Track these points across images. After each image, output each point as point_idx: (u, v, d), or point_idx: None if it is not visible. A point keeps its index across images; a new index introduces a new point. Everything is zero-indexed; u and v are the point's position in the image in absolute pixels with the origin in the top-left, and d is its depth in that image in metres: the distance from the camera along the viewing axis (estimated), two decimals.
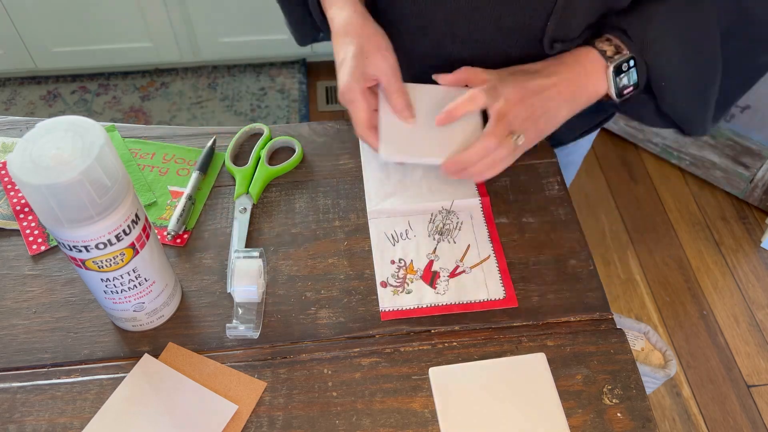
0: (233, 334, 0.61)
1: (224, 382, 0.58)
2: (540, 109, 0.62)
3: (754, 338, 1.56)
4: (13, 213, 0.70)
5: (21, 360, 0.61)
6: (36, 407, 0.57)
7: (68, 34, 1.98)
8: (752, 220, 1.79)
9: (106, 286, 0.55)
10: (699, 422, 1.44)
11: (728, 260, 1.71)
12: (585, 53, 0.64)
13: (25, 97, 2.12)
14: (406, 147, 0.65)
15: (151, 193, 0.72)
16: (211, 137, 0.77)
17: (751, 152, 1.70)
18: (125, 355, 0.61)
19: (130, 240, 0.53)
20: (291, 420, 0.57)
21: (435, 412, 0.57)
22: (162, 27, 1.97)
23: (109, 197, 0.49)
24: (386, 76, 0.64)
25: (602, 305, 0.63)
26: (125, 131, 0.78)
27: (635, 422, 0.56)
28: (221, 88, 2.13)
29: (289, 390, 0.58)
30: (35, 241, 0.68)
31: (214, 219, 0.70)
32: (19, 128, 0.79)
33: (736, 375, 1.51)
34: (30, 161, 0.47)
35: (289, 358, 0.60)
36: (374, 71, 0.64)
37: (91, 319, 0.63)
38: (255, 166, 0.74)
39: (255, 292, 0.61)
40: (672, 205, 1.82)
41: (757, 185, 1.74)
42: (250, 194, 0.71)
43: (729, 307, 1.62)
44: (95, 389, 0.58)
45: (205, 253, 0.68)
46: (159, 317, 0.62)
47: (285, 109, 2.08)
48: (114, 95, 2.13)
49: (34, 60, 2.06)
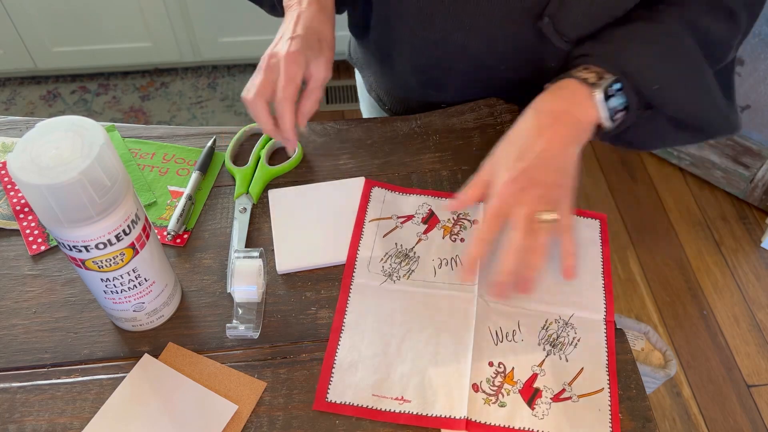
0: (233, 334, 0.60)
1: (224, 382, 0.58)
2: (543, 173, 0.57)
3: (754, 338, 1.56)
4: (13, 213, 0.70)
5: (21, 360, 0.60)
6: (36, 407, 0.57)
7: (68, 34, 1.98)
8: (752, 220, 1.79)
9: (106, 286, 0.55)
10: (699, 422, 1.44)
11: (728, 260, 1.71)
12: (566, 85, 0.61)
13: (25, 97, 2.12)
14: (303, 256, 0.66)
15: (151, 193, 0.72)
16: (211, 137, 0.77)
17: (751, 152, 1.70)
18: (125, 355, 0.61)
19: (130, 240, 0.53)
20: (291, 420, 0.56)
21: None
22: (162, 27, 1.97)
23: (109, 197, 0.49)
24: (318, 81, 0.63)
25: None
26: (125, 131, 0.78)
27: (635, 422, 0.56)
28: (221, 88, 2.13)
29: (289, 390, 0.58)
30: (35, 241, 0.68)
31: (214, 219, 0.70)
32: (19, 128, 0.79)
33: (736, 375, 1.51)
34: (30, 161, 0.46)
35: (289, 358, 0.60)
36: (315, 69, 0.62)
37: (91, 319, 0.63)
38: (255, 166, 0.74)
39: (255, 292, 0.61)
40: (672, 205, 1.82)
41: (757, 185, 1.74)
42: (250, 194, 0.71)
43: (729, 307, 1.62)
44: (95, 389, 0.58)
45: (204, 253, 0.68)
46: (159, 317, 0.62)
47: None
48: (114, 95, 2.13)
49: (34, 60, 2.06)
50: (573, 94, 0.61)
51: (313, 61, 0.62)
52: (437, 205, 0.70)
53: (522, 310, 0.62)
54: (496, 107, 0.79)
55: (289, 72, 0.60)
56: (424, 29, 0.71)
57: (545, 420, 0.56)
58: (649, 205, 1.83)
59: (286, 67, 0.60)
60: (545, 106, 0.61)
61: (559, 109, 0.60)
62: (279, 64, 0.60)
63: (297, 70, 0.60)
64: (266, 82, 0.61)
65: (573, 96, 0.60)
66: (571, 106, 0.60)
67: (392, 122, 0.78)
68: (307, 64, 0.61)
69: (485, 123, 0.78)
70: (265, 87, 0.60)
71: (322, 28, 0.64)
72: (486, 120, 0.78)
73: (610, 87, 0.60)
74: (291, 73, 0.60)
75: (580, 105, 0.60)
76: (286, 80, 0.60)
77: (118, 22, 1.96)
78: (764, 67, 1.55)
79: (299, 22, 0.63)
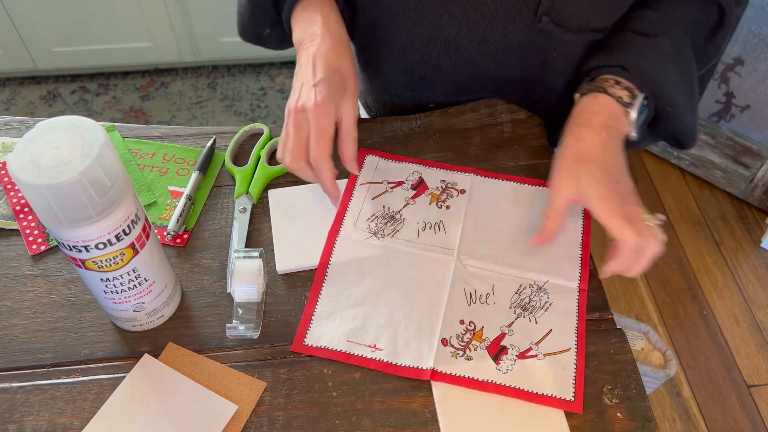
0: (233, 334, 0.60)
1: (224, 382, 0.58)
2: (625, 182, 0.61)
3: (754, 338, 1.56)
4: (13, 213, 0.70)
5: (21, 360, 0.60)
6: (36, 407, 0.57)
7: (68, 34, 1.98)
8: (752, 220, 1.79)
9: (106, 286, 0.55)
10: (699, 422, 1.44)
11: (728, 260, 1.71)
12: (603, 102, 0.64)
13: (25, 97, 2.12)
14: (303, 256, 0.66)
15: (151, 193, 0.72)
16: (211, 137, 0.77)
17: (751, 152, 1.70)
18: (125, 355, 0.61)
19: (130, 240, 0.53)
20: (291, 420, 0.56)
21: (435, 412, 0.57)
22: (162, 27, 1.97)
23: (109, 197, 0.49)
24: (350, 122, 0.61)
25: (602, 305, 0.63)
26: (125, 131, 0.78)
27: (635, 422, 0.56)
28: (221, 88, 2.13)
29: (289, 390, 0.58)
30: (35, 241, 0.68)
31: (214, 219, 0.70)
32: (19, 128, 0.79)
33: (736, 375, 1.51)
34: (30, 161, 0.46)
35: (289, 358, 0.60)
36: (345, 110, 0.61)
37: (91, 319, 0.63)
38: (255, 166, 0.74)
39: (255, 292, 0.61)
40: (672, 205, 1.82)
41: (757, 185, 1.74)
42: (250, 194, 0.71)
43: (729, 307, 1.62)
44: (95, 389, 0.58)
45: (204, 253, 0.68)
46: (159, 317, 0.62)
47: (285, 110, 2.07)
48: (114, 95, 2.13)
49: (34, 60, 2.06)
50: (611, 111, 0.64)
51: (342, 102, 0.60)
52: (428, 174, 0.73)
53: (498, 275, 0.65)
54: (496, 107, 0.79)
55: (320, 126, 0.59)
56: (412, 25, 0.71)
57: (509, 374, 0.58)
58: (649, 205, 1.82)
59: (316, 122, 0.59)
60: (596, 121, 0.63)
61: (608, 124, 0.63)
62: (308, 119, 0.59)
63: (327, 122, 0.59)
64: (299, 143, 0.59)
65: (611, 112, 0.64)
66: (613, 120, 0.64)
67: (392, 122, 0.78)
68: (337, 108, 0.60)
69: (485, 123, 0.78)
70: (301, 149, 0.59)
71: (341, 63, 0.62)
72: (486, 120, 0.78)
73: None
74: (322, 127, 0.59)
75: (618, 120, 0.64)
76: (318, 136, 0.59)
77: (118, 22, 1.96)
78: (764, 67, 1.55)
79: (317, 64, 0.61)
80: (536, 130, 0.77)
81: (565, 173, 0.62)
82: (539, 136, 0.77)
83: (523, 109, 0.79)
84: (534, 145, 0.76)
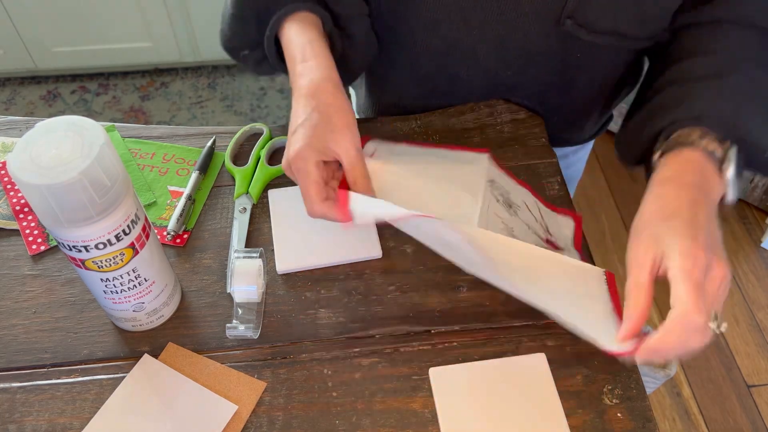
0: (233, 334, 0.60)
1: (224, 382, 0.58)
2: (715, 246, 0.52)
3: (754, 338, 1.56)
4: (13, 213, 0.70)
5: (21, 360, 0.61)
6: (36, 407, 0.57)
7: (68, 34, 1.98)
8: (752, 220, 1.79)
9: (105, 286, 0.55)
10: (699, 422, 1.44)
11: (728, 260, 1.71)
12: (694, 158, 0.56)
13: (24, 97, 2.12)
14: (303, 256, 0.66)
15: (151, 193, 0.72)
16: (211, 137, 0.77)
17: None
18: (125, 355, 0.61)
19: (130, 240, 0.53)
20: (291, 420, 0.57)
21: (435, 413, 0.57)
22: (162, 27, 1.97)
23: (109, 197, 0.49)
24: (351, 158, 0.57)
25: None
26: (125, 131, 0.78)
27: (635, 422, 0.56)
28: (221, 88, 2.14)
29: (289, 390, 0.58)
30: (35, 241, 0.68)
31: (214, 219, 0.70)
32: (19, 128, 0.79)
33: (736, 375, 1.51)
34: (30, 161, 0.46)
35: (289, 358, 0.60)
36: (338, 149, 0.57)
37: (91, 319, 0.63)
38: (255, 166, 0.74)
39: (255, 292, 0.61)
40: None
41: (757, 185, 1.74)
42: (250, 194, 0.71)
43: (729, 307, 1.62)
44: (95, 389, 0.58)
45: (204, 253, 0.68)
46: (159, 317, 0.62)
47: (285, 109, 2.07)
48: (114, 95, 2.13)
49: (34, 60, 2.06)
50: (703, 168, 0.55)
51: (331, 141, 0.57)
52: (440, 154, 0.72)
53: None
54: (496, 107, 0.79)
55: (301, 176, 0.57)
56: (429, 37, 0.70)
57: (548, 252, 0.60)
58: None
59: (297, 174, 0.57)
60: (686, 179, 0.54)
61: (699, 182, 0.54)
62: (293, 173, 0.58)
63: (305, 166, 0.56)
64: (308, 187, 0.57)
65: (703, 170, 0.55)
66: (704, 180, 0.55)
67: (392, 122, 0.78)
68: (326, 149, 0.57)
69: (485, 123, 0.78)
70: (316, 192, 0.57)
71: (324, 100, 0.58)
72: (486, 120, 0.78)
73: None
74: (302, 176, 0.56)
75: (710, 180, 0.55)
76: (304, 190, 0.57)
77: (118, 22, 1.96)
78: None
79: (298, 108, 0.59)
80: (536, 130, 0.77)
81: (645, 239, 0.52)
82: (539, 136, 0.77)
83: (524, 109, 0.79)
84: (534, 145, 0.76)
